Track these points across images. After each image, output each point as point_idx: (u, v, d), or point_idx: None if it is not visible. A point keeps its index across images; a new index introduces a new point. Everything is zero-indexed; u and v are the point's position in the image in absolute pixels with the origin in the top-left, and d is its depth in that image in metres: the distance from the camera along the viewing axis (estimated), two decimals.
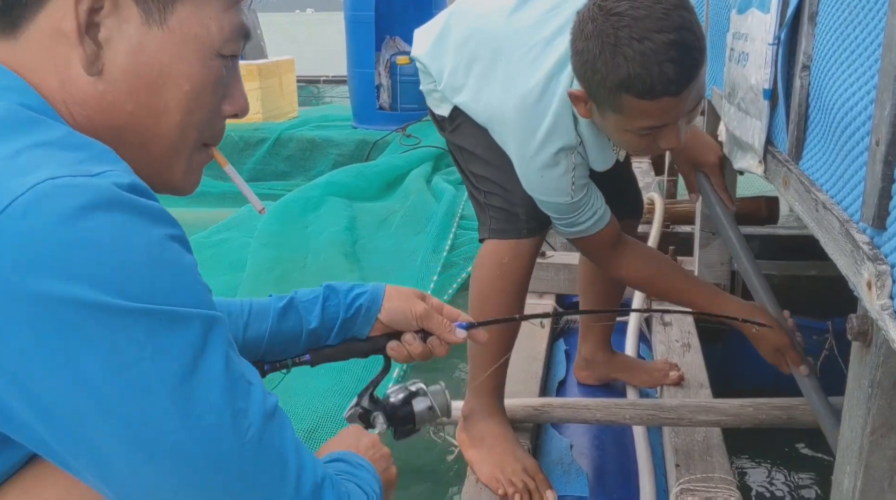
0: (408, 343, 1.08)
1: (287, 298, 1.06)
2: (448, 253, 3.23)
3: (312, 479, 0.74)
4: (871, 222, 0.81)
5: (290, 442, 0.73)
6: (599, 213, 1.58)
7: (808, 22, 1.10)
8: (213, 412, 0.64)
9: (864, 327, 0.92)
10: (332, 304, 1.06)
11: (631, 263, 1.66)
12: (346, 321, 1.06)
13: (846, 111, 0.93)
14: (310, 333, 1.05)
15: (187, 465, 0.63)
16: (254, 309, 1.03)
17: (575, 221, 1.58)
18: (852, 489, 0.99)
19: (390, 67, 6.31)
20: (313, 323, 1.05)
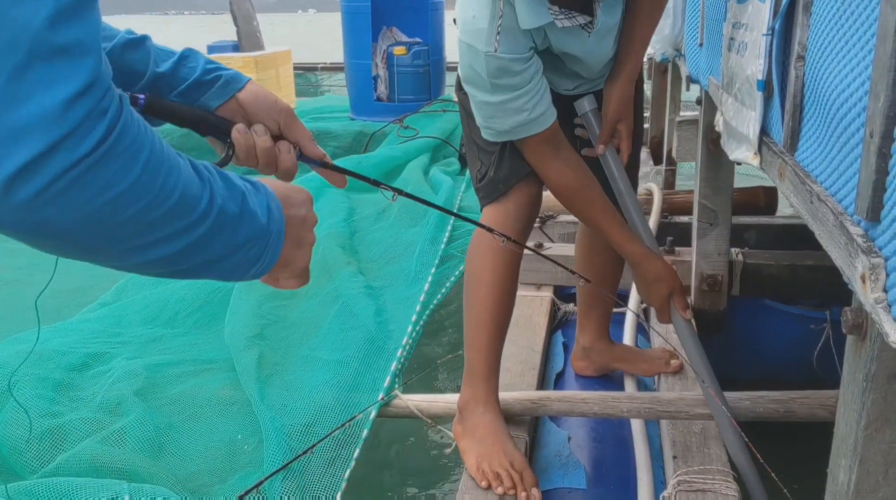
0: (256, 133, 0.93)
1: (141, 35, 0.91)
2: (446, 245, 3.22)
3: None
4: (866, 215, 0.80)
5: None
6: (537, 112, 1.59)
7: (802, 12, 1.09)
8: None
9: (858, 321, 0.92)
10: (190, 63, 0.93)
11: (563, 172, 1.69)
12: (200, 84, 0.92)
13: (841, 102, 0.92)
14: (155, 77, 0.90)
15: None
16: (105, 27, 0.87)
17: (488, 114, 1.59)
18: (847, 482, 0.98)
19: (387, 58, 6.28)
20: (163, 68, 0.90)
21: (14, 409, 2.04)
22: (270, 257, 0.77)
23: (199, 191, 0.67)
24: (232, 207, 0.70)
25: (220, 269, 0.73)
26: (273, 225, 0.76)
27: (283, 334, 2.55)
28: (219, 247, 0.70)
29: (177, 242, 0.66)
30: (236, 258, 0.73)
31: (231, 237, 0.71)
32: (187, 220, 0.66)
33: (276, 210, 0.77)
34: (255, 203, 0.74)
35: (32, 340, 2.46)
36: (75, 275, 3.50)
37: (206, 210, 0.67)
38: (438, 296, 2.76)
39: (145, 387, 2.20)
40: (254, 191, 0.75)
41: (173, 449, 1.96)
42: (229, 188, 0.71)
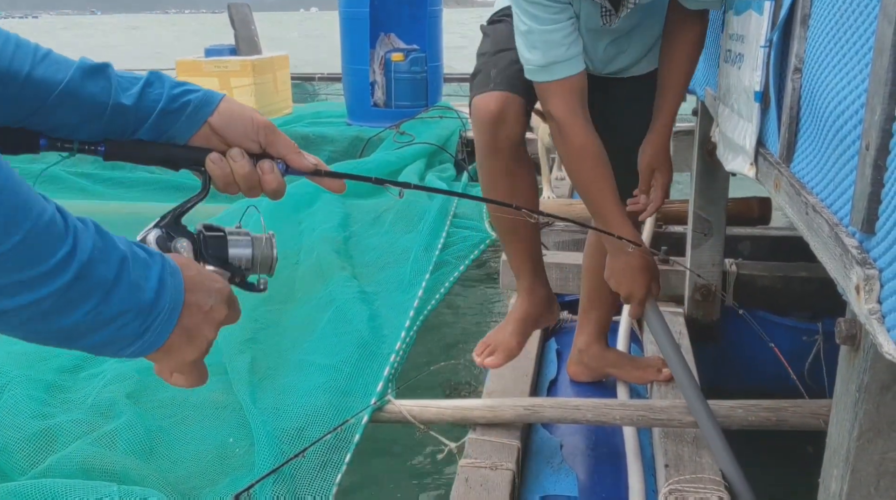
0: (233, 159, 0.84)
1: (101, 63, 0.82)
2: (440, 252, 3.23)
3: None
4: (861, 227, 0.81)
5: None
6: (573, 51, 1.65)
7: (800, 25, 1.10)
8: None
9: (852, 331, 0.92)
10: (155, 90, 0.83)
11: (584, 129, 1.71)
12: (167, 114, 0.83)
13: (837, 115, 0.93)
14: (117, 110, 0.81)
15: None
16: (53, 55, 0.78)
17: (529, 43, 1.65)
18: (839, 492, 0.99)
19: (385, 64, 6.28)
20: (126, 100, 0.81)
21: (5, 410, 2.03)
22: (155, 338, 0.68)
23: (56, 239, 0.58)
24: (103, 271, 0.62)
25: (90, 340, 0.64)
26: (163, 302, 0.67)
27: (276, 339, 2.54)
28: (80, 314, 0.61)
29: (23, 295, 0.57)
30: (106, 332, 0.64)
31: (98, 306, 0.62)
32: (36, 269, 0.57)
33: (171, 287, 0.69)
34: (142, 275, 0.66)
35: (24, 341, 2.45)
36: None
37: (62, 264, 0.58)
38: (432, 302, 2.76)
39: (137, 390, 2.19)
40: (146, 260, 0.67)
41: (164, 452, 1.95)
42: (106, 248, 0.63)
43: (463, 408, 1.93)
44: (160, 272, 0.68)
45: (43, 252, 0.57)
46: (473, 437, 1.88)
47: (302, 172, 0.90)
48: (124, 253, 0.64)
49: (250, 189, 0.87)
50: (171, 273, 0.69)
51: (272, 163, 0.87)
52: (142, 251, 0.67)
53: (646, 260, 1.76)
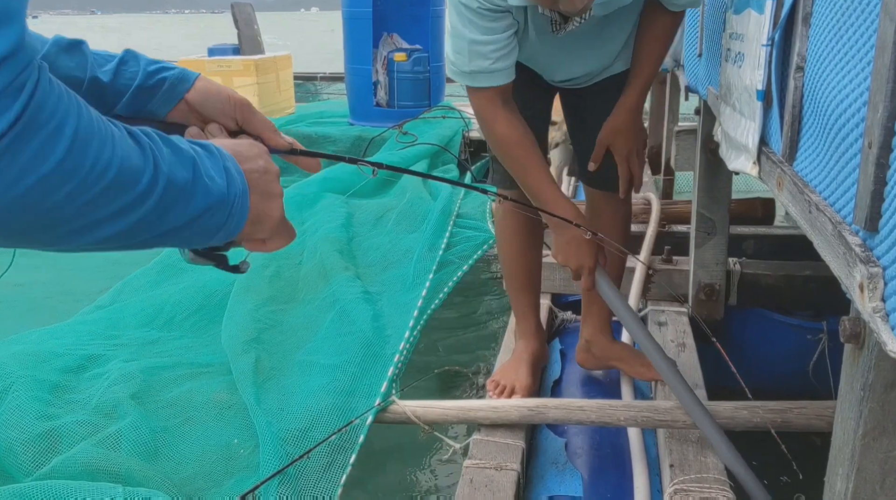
0: (211, 133, 0.87)
1: (76, 39, 0.83)
2: (444, 251, 3.22)
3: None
4: (864, 225, 0.81)
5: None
6: (498, 66, 1.69)
7: (801, 23, 1.10)
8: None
9: (856, 330, 0.92)
10: (131, 68, 0.85)
11: (508, 122, 1.77)
12: (143, 90, 0.85)
13: (839, 113, 0.92)
14: (93, 85, 0.82)
15: None
16: (31, 34, 0.79)
17: (457, 47, 1.69)
18: (844, 491, 0.99)
19: (388, 64, 6.29)
20: (103, 77, 0.82)
21: (9, 411, 2.03)
22: (238, 220, 0.73)
23: (140, 163, 0.61)
24: (182, 176, 0.65)
25: (181, 238, 0.68)
26: (234, 187, 0.72)
27: (279, 339, 2.54)
28: (174, 218, 0.65)
29: (123, 219, 0.61)
30: (197, 226, 0.68)
31: (186, 207, 0.66)
32: (130, 196, 0.60)
33: (234, 170, 0.73)
34: (210, 166, 0.69)
35: (29, 341, 2.46)
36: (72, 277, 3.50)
37: (151, 183, 0.62)
38: (436, 302, 2.76)
39: (141, 390, 2.19)
40: (206, 154, 0.70)
41: (169, 453, 1.95)
42: (177, 155, 0.66)
43: (467, 409, 1.93)
44: (221, 159, 0.71)
45: (134, 176, 0.60)
46: (478, 438, 1.88)
47: (278, 151, 0.91)
48: (192, 156, 0.68)
49: None
50: (227, 157, 0.73)
51: (251, 140, 0.88)
52: (198, 146, 0.70)
53: (584, 246, 1.79)
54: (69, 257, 3.66)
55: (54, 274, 3.57)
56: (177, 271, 3.04)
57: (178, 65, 0.91)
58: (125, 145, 0.60)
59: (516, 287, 2.23)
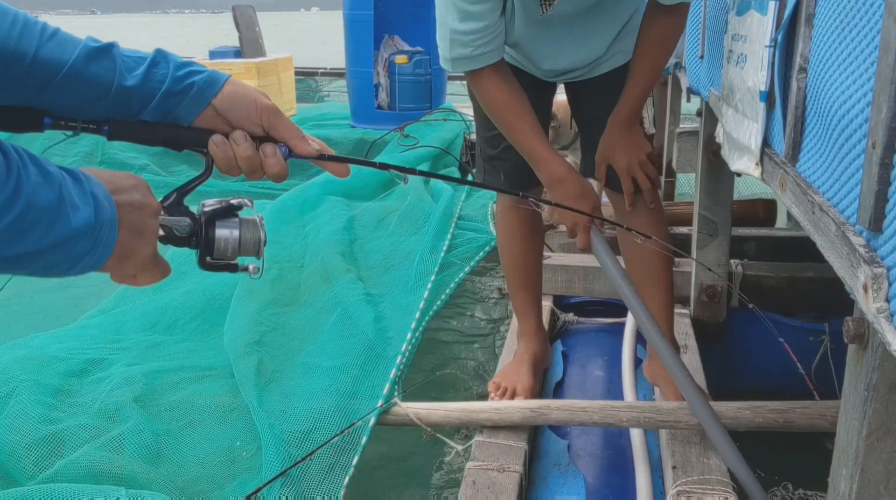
0: (235, 141, 0.86)
1: (107, 43, 0.82)
2: (445, 253, 3.23)
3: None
4: (868, 225, 0.81)
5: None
6: (479, 51, 1.69)
7: (804, 24, 1.10)
8: None
9: (860, 330, 0.92)
10: (160, 71, 0.83)
11: (497, 85, 1.76)
12: (171, 95, 0.84)
13: (843, 114, 0.92)
14: (121, 92, 0.81)
15: None
16: (60, 34, 0.78)
17: (441, 34, 1.69)
18: (848, 491, 0.98)
19: (389, 67, 6.29)
20: (130, 82, 0.82)
21: (12, 414, 2.03)
22: (102, 252, 0.71)
23: (1, 178, 0.60)
24: (46, 199, 0.64)
25: (36, 264, 0.66)
26: (102, 216, 0.70)
27: (282, 341, 2.54)
28: (31, 242, 0.64)
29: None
30: (56, 255, 0.67)
31: (48, 231, 0.64)
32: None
33: (103, 198, 0.71)
34: (76, 192, 0.68)
35: (32, 345, 2.46)
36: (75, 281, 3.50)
37: (9, 201, 0.61)
38: (438, 303, 2.76)
39: (144, 394, 2.19)
40: (73, 181, 0.68)
41: (172, 456, 1.96)
42: (44, 176, 0.64)
43: (470, 410, 1.93)
44: (90, 188, 0.69)
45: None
46: (480, 439, 1.88)
47: (304, 157, 0.90)
48: (59, 177, 0.66)
49: (252, 172, 0.88)
50: (97, 185, 0.71)
51: (274, 147, 0.88)
52: (66, 173, 0.69)
53: (584, 187, 1.78)
54: None
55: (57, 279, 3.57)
56: (179, 274, 3.04)
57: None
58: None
59: (516, 286, 2.24)
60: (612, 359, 2.36)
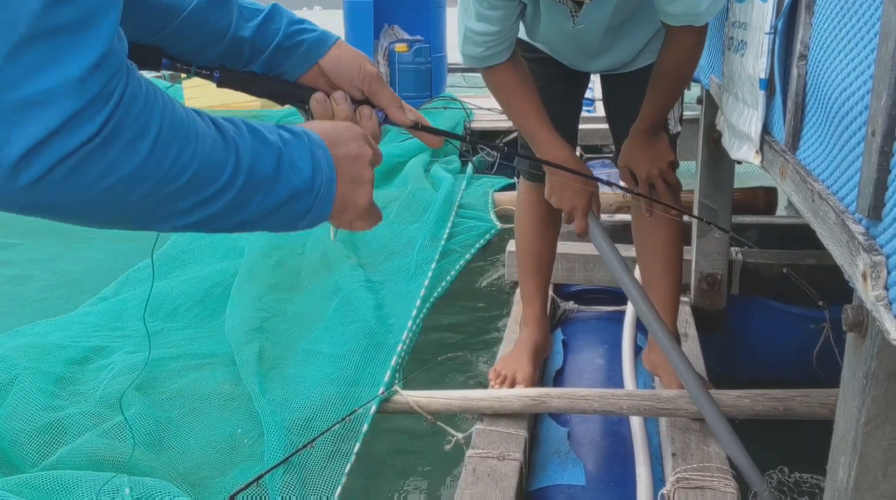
0: (336, 101, 0.89)
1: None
2: (446, 241, 3.23)
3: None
4: (867, 213, 0.81)
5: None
6: (490, 52, 1.69)
7: (805, 11, 1.09)
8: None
9: (859, 318, 0.92)
10: (274, 24, 0.87)
11: (495, 73, 1.77)
12: (282, 50, 0.87)
13: (843, 101, 0.92)
14: (235, 40, 0.85)
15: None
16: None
17: (459, 30, 1.69)
18: (847, 479, 0.99)
19: (389, 55, 6.28)
20: (245, 32, 0.85)
21: (14, 402, 2.04)
22: (323, 207, 0.74)
23: (222, 158, 0.63)
24: (265, 168, 0.67)
25: (264, 225, 0.70)
26: (320, 175, 0.73)
27: (283, 328, 2.55)
28: (255, 207, 0.67)
29: (200, 211, 0.63)
30: (281, 214, 0.70)
31: (266, 198, 0.68)
32: (209, 190, 0.62)
33: (322, 157, 0.74)
34: (296, 155, 0.71)
35: (33, 333, 2.47)
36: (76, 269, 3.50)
37: (231, 177, 0.64)
38: (438, 290, 2.77)
39: (146, 381, 2.20)
40: (294, 141, 0.72)
41: (173, 443, 1.96)
42: (262, 145, 0.68)
43: (470, 398, 1.94)
44: (310, 148, 0.72)
45: (213, 173, 0.62)
46: (481, 427, 1.88)
47: (400, 125, 0.94)
48: (278, 145, 0.69)
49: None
50: (317, 144, 0.74)
51: (371, 110, 0.91)
52: (287, 134, 0.72)
53: (585, 172, 1.77)
54: (73, 250, 3.67)
55: (58, 267, 3.57)
56: (179, 262, 3.04)
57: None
58: (208, 141, 0.62)
59: (527, 270, 2.25)
60: (613, 347, 2.36)
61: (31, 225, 3.76)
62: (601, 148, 5.13)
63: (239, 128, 0.67)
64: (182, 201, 0.61)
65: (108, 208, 0.57)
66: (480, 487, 1.69)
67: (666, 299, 2.02)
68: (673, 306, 2.07)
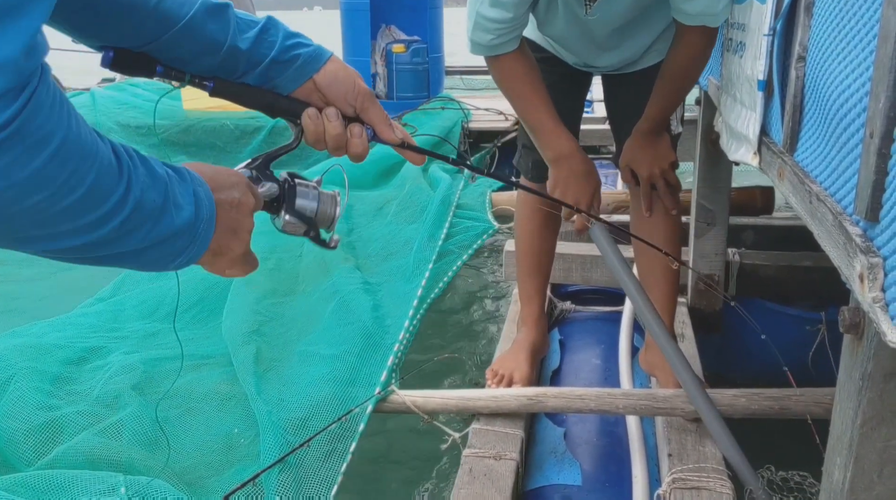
0: (328, 118, 0.90)
1: (223, 2, 0.85)
2: (444, 242, 3.23)
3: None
4: (865, 215, 0.81)
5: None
6: (500, 40, 1.68)
7: (803, 13, 1.09)
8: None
9: (855, 320, 0.92)
10: (270, 37, 0.87)
11: (503, 62, 1.75)
12: (277, 63, 0.87)
13: (841, 103, 0.92)
14: (231, 52, 0.84)
15: None
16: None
17: (468, 14, 1.67)
18: (842, 480, 0.99)
19: (386, 56, 6.27)
20: (242, 44, 0.85)
21: (11, 402, 2.04)
22: (198, 248, 0.72)
23: (113, 182, 0.61)
24: (153, 199, 0.65)
25: (140, 261, 0.68)
26: (201, 213, 0.71)
27: (280, 330, 2.55)
28: (136, 240, 0.65)
29: (84, 235, 0.61)
30: (157, 251, 0.68)
31: (151, 231, 0.66)
32: (96, 213, 0.60)
33: (204, 197, 0.72)
34: (180, 192, 0.69)
35: (31, 334, 2.46)
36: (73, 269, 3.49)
37: (119, 203, 0.62)
38: (436, 291, 2.76)
39: (142, 381, 2.20)
40: (178, 179, 0.70)
41: (170, 442, 1.96)
42: (152, 177, 0.66)
43: (467, 398, 1.94)
44: (192, 185, 0.71)
45: (103, 195, 0.60)
46: (477, 427, 1.88)
47: (388, 143, 0.95)
48: (165, 178, 0.68)
49: (337, 149, 0.92)
50: (200, 183, 0.73)
51: (362, 128, 0.92)
52: (171, 170, 0.70)
53: (588, 166, 1.78)
54: None
55: (55, 267, 3.56)
56: None
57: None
58: (104, 162, 0.60)
59: (527, 270, 2.25)
60: (609, 347, 2.37)
61: None
62: (599, 149, 5.14)
63: (131, 156, 0.65)
64: (67, 220, 0.59)
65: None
66: (477, 486, 1.69)
67: (663, 300, 2.02)
68: (670, 307, 2.08)
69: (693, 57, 1.71)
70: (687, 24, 1.63)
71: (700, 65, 1.76)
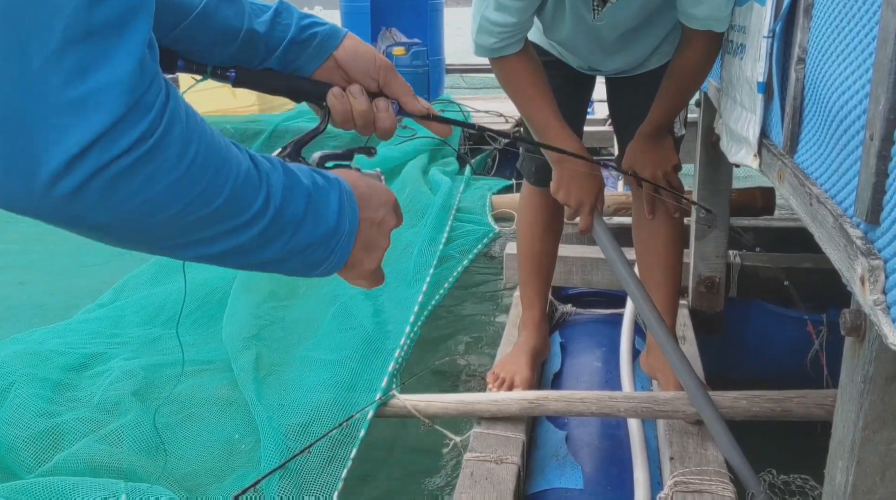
0: (353, 95, 0.88)
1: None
2: (444, 246, 3.23)
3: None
4: (865, 217, 0.81)
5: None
6: (502, 43, 1.67)
7: (803, 15, 1.09)
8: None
9: (857, 322, 0.92)
10: (285, 19, 0.85)
11: (507, 62, 1.74)
12: (295, 44, 0.86)
13: (841, 105, 0.92)
14: (249, 37, 0.83)
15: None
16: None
17: (473, 14, 1.66)
18: (844, 483, 0.99)
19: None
20: (258, 28, 0.83)
21: (11, 408, 2.03)
22: (338, 259, 0.72)
23: (252, 191, 0.61)
24: (293, 210, 0.65)
25: (278, 268, 0.68)
26: (343, 226, 0.71)
27: (280, 335, 2.55)
28: (275, 249, 0.65)
29: (222, 242, 0.61)
30: (296, 261, 0.68)
31: (290, 241, 0.66)
32: (235, 222, 0.60)
33: (349, 210, 0.72)
34: (325, 203, 0.69)
35: (31, 340, 2.46)
36: (74, 275, 3.50)
37: (259, 213, 0.62)
38: (436, 297, 2.76)
39: (143, 387, 2.20)
40: (326, 187, 0.70)
41: (170, 449, 1.96)
42: (293, 187, 0.66)
43: (467, 402, 1.93)
44: (339, 198, 0.71)
45: (243, 205, 0.61)
46: (478, 431, 1.88)
47: (413, 115, 0.94)
48: (309, 188, 0.68)
49: (365, 126, 0.91)
50: (348, 197, 0.72)
51: (387, 102, 0.91)
52: (320, 178, 0.70)
53: (592, 167, 1.76)
54: (70, 256, 3.66)
55: (56, 273, 3.57)
56: (177, 268, 3.04)
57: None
58: (242, 171, 0.60)
59: (528, 274, 2.26)
60: (610, 350, 2.36)
61: (29, 230, 3.75)
62: (599, 150, 5.14)
63: (273, 165, 0.65)
64: (208, 229, 0.59)
65: (133, 226, 0.55)
66: (478, 490, 1.68)
67: (665, 302, 2.02)
68: (672, 309, 2.08)
69: (699, 61, 1.71)
70: (694, 29, 1.63)
71: (706, 69, 1.75)
